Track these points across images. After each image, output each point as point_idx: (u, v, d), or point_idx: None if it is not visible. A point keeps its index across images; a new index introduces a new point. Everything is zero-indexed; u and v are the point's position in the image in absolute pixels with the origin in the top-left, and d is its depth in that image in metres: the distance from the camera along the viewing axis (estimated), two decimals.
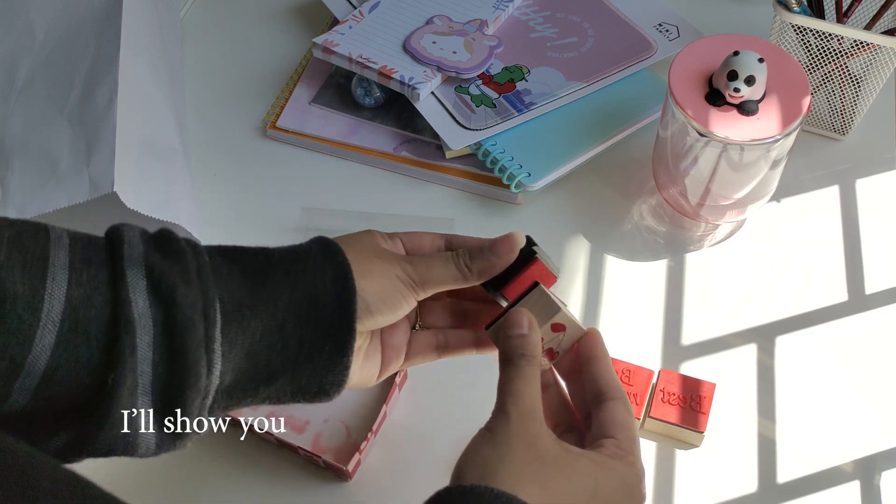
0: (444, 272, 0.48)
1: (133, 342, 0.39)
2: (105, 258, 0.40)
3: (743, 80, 0.60)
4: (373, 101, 0.76)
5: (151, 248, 0.41)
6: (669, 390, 0.60)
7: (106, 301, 0.39)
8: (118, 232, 0.42)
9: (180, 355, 0.40)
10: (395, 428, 0.61)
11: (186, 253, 0.42)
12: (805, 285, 0.67)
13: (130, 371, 0.39)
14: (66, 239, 0.40)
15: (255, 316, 0.42)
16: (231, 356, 0.41)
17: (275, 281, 0.43)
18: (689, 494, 0.58)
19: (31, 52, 0.69)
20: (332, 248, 0.46)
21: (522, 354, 0.46)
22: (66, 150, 0.63)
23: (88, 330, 0.39)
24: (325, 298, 0.44)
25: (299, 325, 0.43)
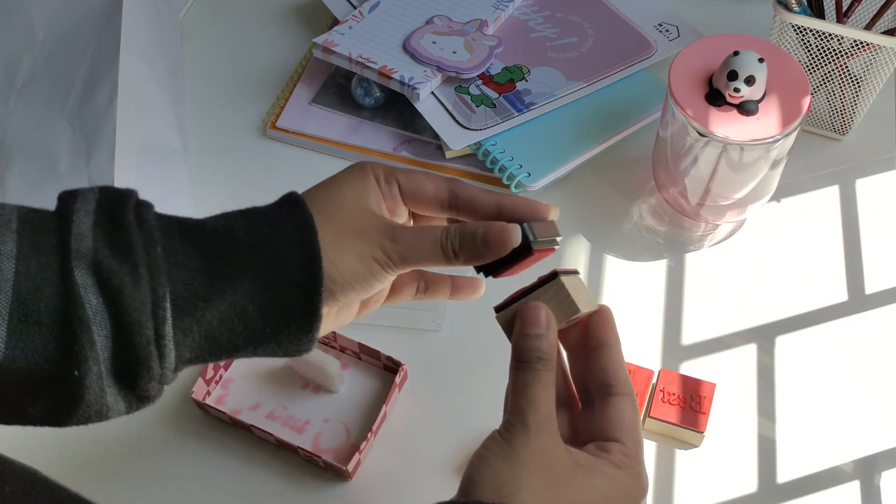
0: (428, 253, 0.45)
1: (91, 338, 0.39)
2: (55, 243, 0.39)
3: (743, 80, 0.60)
4: (373, 101, 0.76)
5: (101, 240, 0.40)
6: (669, 390, 0.60)
7: (56, 293, 0.38)
8: (69, 212, 0.40)
9: (131, 351, 0.39)
10: (395, 428, 0.61)
11: (136, 246, 0.40)
12: (805, 285, 0.67)
13: (94, 363, 0.39)
14: (15, 223, 0.39)
15: (210, 306, 0.41)
16: (187, 342, 0.41)
17: (237, 267, 0.41)
18: (689, 494, 0.58)
19: (31, 52, 0.69)
20: (305, 227, 0.43)
21: (539, 358, 0.43)
22: (65, 149, 0.63)
23: (40, 321, 0.38)
24: (291, 288, 0.42)
25: (262, 310, 0.42)
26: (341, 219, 0.44)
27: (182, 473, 0.60)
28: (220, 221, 0.43)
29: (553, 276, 0.45)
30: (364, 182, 0.46)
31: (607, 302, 0.67)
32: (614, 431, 0.44)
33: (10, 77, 0.68)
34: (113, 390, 0.40)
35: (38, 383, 0.39)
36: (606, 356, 0.46)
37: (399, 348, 0.63)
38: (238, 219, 0.43)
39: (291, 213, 0.43)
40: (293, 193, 0.45)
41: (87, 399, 0.40)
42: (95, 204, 0.41)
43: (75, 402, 0.40)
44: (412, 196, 0.47)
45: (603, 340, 0.47)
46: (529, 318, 0.44)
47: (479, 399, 0.62)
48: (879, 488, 0.58)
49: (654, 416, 0.59)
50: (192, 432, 0.61)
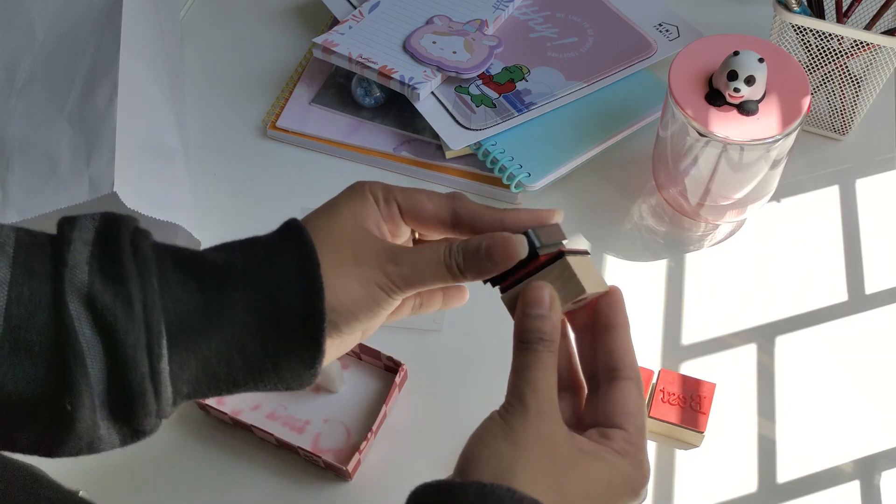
0: (432, 274, 0.44)
1: (85, 371, 0.38)
2: (49, 271, 0.39)
3: (743, 80, 0.60)
4: (373, 101, 0.76)
5: (95, 271, 0.39)
6: (669, 390, 0.60)
7: (49, 321, 0.38)
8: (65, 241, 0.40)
9: (126, 387, 0.39)
10: (395, 428, 0.61)
11: (131, 279, 0.39)
12: (805, 285, 0.67)
13: (87, 395, 0.38)
14: (10, 248, 0.39)
15: (207, 340, 0.40)
16: (184, 376, 0.40)
17: (235, 301, 0.40)
18: (689, 494, 0.58)
19: (31, 52, 0.69)
20: (307, 257, 0.42)
21: (541, 339, 0.42)
22: (66, 150, 0.63)
23: (32, 350, 0.38)
24: (292, 323, 0.41)
25: (262, 344, 0.41)
26: (342, 246, 0.43)
27: (183, 474, 0.60)
28: (219, 254, 0.42)
29: (559, 255, 0.43)
30: (363, 204, 0.45)
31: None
32: (618, 417, 0.43)
33: (10, 77, 0.68)
34: (107, 423, 0.39)
35: (28, 411, 0.38)
36: (613, 339, 0.45)
37: (399, 348, 0.63)
38: (237, 251, 0.42)
39: (291, 244, 0.42)
40: (293, 221, 0.44)
41: (78, 431, 0.39)
42: (94, 233, 0.40)
43: (66, 433, 0.39)
44: (412, 216, 0.46)
45: (610, 322, 0.45)
46: (532, 298, 0.43)
47: (479, 399, 0.62)
48: (879, 488, 0.58)
49: (654, 416, 0.59)
50: (193, 433, 0.61)
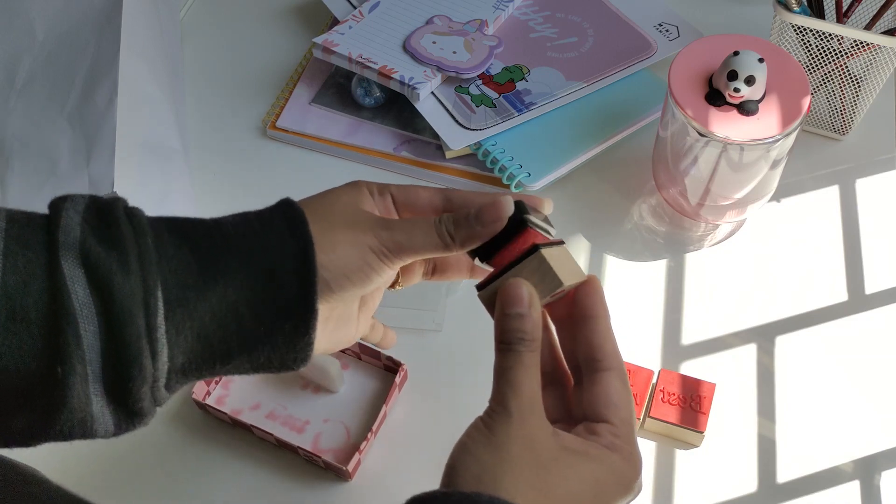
0: (423, 241, 0.44)
1: (77, 332, 0.37)
2: (43, 239, 0.38)
3: (743, 80, 0.60)
4: (373, 101, 0.76)
5: (89, 232, 0.39)
6: (669, 390, 0.60)
7: (44, 288, 0.37)
8: (57, 211, 0.39)
9: (122, 347, 0.38)
10: (394, 428, 0.61)
11: (126, 237, 0.39)
12: (805, 285, 0.67)
13: (79, 361, 0.37)
14: (3, 222, 0.39)
15: (202, 299, 0.39)
16: (179, 340, 0.40)
17: (227, 260, 0.40)
18: (689, 494, 0.58)
19: (31, 52, 0.69)
20: (296, 219, 0.42)
21: (521, 339, 0.41)
22: (66, 149, 0.63)
23: (28, 318, 0.37)
24: (283, 278, 0.41)
25: (255, 306, 0.40)
26: (335, 216, 0.44)
27: (182, 473, 0.60)
28: (209, 220, 0.42)
29: (534, 248, 0.42)
30: (358, 192, 0.46)
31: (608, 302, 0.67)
32: (602, 410, 0.42)
33: (10, 77, 0.68)
34: (100, 400, 0.39)
35: (23, 388, 0.38)
36: (592, 329, 0.44)
37: (399, 348, 0.63)
38: (229, 220, 0.42)
39: (281, 211, 0.43)
40: (286, 198, 0.44)
41: (69, 403, 0.38)
42: (84, 205, 0.40)
43: (57, 406, 0.38)
44: (407, 206, 0.47)
45: (589, 312, 0.44)
46: (510, 297, 0.42)
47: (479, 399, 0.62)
48: (879, 488, 0.58)
49: (654, 416, 0.59)
50: (193, 432, 0.61)
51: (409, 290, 0.67)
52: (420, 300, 0.66)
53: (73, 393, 0.38)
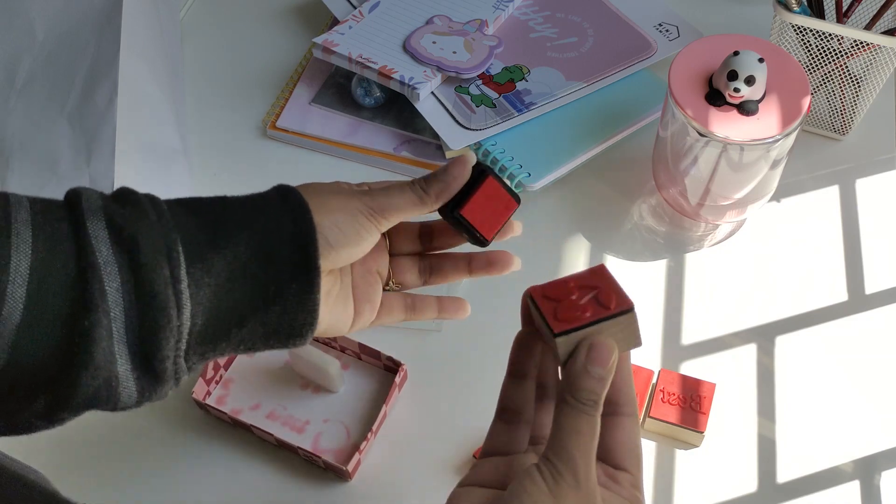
0: (401, 198, 0.48)
1: (102, 286, 0.39)
2: (65, 213, 0.41)
3: (743, 80, 0.60)
4: (373, 101, 0.76)
5: (110, 201, 0.42)
6: (669, 390, 0.60)
7: (70, 254, 0.40)
8: (76, 191, 0.42)
9: (150, 297, 0.40)
10: (394, 428, 0.61)
11: (144, 202, 0.43)
12: (805, 285, 0.67)
13: (104, 314, 0.39)
14: (27, 202, 0.41)
15: (218, 256, 0.42)
16: (199, 297, 0.42)
17: (234, 224, 0.44)
18: (689, 494, 0.58)
19: (31, 52, 0.69)
20: (290, 190, 0.46)
21: (595, 402, 0.40)
22: (66, 150, 0.63)
23: (57, 281, 0.39)
24: (285, 237, 0.44)
25: (262, 265, 0.43)
26: (322, 187, 0.48)
27: (183, 473, 0.60)
28: (207, 197, 0.46)
29: (629, 308, 0.41)
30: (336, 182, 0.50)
31: None
32: (622, 457, 0.43)
33: (10, 77, 0.68)
34: (125, 362, 0.40)
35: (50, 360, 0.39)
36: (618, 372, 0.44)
37: (399, 348, 0.63)
38: (227, 198, 0.46)
39: (274, 189, 0.47)
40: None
41: (95, 359, 0.39)
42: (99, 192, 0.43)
43: (84, 363, 0.39)
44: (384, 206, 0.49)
45: None
46: (601, 356, 0.40)
47: (479, 399, 0.62)
48: (879, 488, 0.58)
49: (654, 416, 0.59)
50: (193, 432, 0.61)
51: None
52: None
53: (98, 347, 0.39)
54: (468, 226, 0.49)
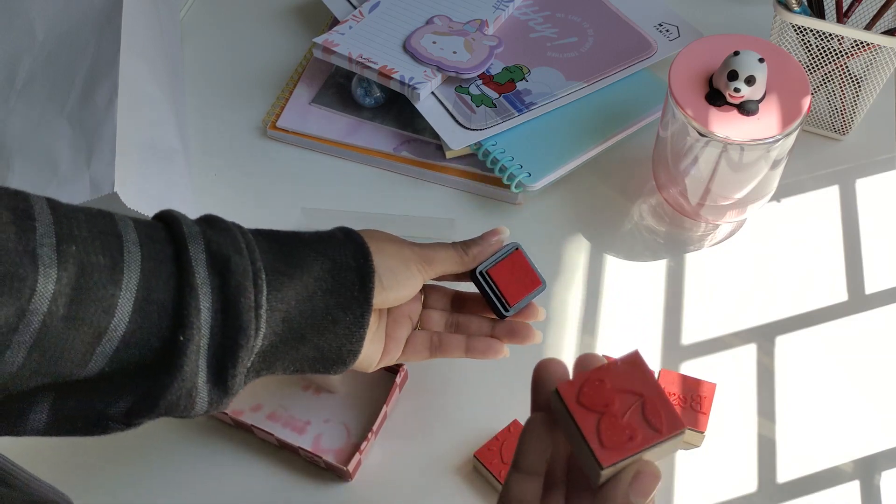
0: (445, 254, 0.55)
1: (198, 305, 0.43)
2: (166, 236, 0.45)
3: (743, 80, 0.60)
4: (373, 101, 0.76)
5: (206, 226, 0.46)
6: (670, 390, 0.60)
7: (171, 273, 0.44)
8: (173, 215, 0.46)
9: (235, 317, 0.44)
10: (395, 428, 0.61)
11: (234, 230, 0.47)
12: (805, 285, 0.67)
13: (196, 331, 0.43)
14: (131, 221, 0.45)
15: (291, 286, 0.47)
16: (272, 321, 0.46)
17: (306, 256, 0.49)
18: (689, 494, 0.58)
19: (31, 52, 0.69)
20: (353, 232, 0.52)
21: None
22: (66, 150, 0.63)
23: (159, 298, 0.43)
24: (348, 273, 0.49)
25: (325, 296, 0.48)
26: (379, 234, 0.53)
27: (184, 475, 0.60)
28: (283, 230, 0.51)
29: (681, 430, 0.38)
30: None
31: (607, 302, 0.67)
32: None
33: (10, 77, 0.68)
34: (204, 374, 0.44)
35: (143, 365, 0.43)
36: None
37: None
38: (300, 233, 0.51)
39: (338, 229, 0.52)
40: None
41: (184, 371, 0.43)
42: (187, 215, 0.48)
43: (173, 374, 0.43)
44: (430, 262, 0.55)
45: None
46: (645, 488, 0.38)
47: (479, 399, 0.62)
48: (879, 488, 0.58)
49: None
50: (194, 433, 0.61)
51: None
52: None
53: (188, 361, 0.43)
54: (493, 287, 0.55)
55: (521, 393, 0.62)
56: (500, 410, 0.61)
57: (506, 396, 0.62)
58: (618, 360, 0.38)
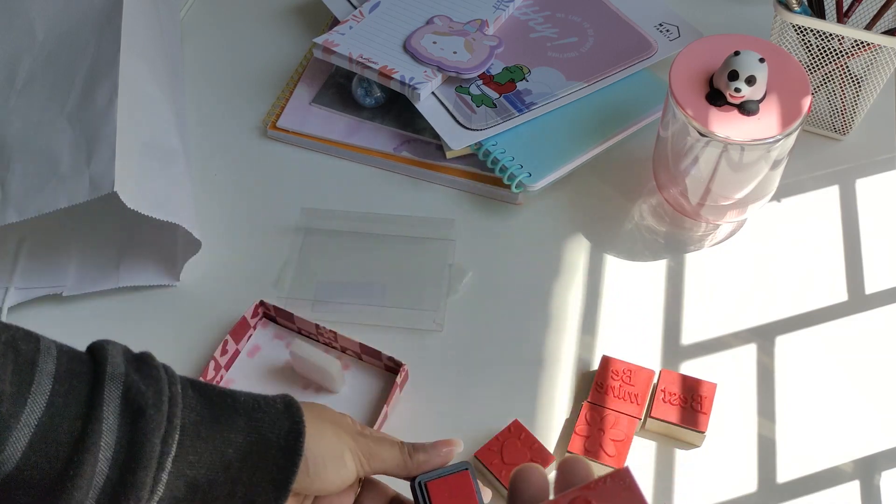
0: (389, 453, 0.50)
1: (96, 456, 0.41)
2: (87, 372, 0.43)
3: (744, 80, 0.60)
4: (373, 101, 0.76)
5: (132, 368, 0.44)
6: (670, 390, 0.60)
7: (79, 415, 0.41)
8: (103, 350, 0.44)
9: (131, 473, 0.42)
10: (396, 428, 0.61)
11: (162, 379, 0.44)
12: (805, 285, 0.67)
13: (87, 481, 0.41)
14: (55, 350, 0.43)
15: (206, 451, 0.44)
16: (173, 485, 0.43)
17: (233, 423, 0.45)
18: (689, 494, 0.58)
19: (31, 52, 0.69)
20: (293, 406, 0.47)
21: None
22: (66, 150, 0.63)
23: (59, 439, 0.40)
24: (272, 451, 0.45)
25: (241, 471, 0.45)
26: (322, 413, 0.49)
27: None
28: (220, 388, 0.47)
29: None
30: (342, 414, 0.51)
31: (607, 302, 0.67)
32: None
33: (10, 77, 0.68)
34: None
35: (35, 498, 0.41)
36: None
37: (400, 348, 0.63)
38: (240, 393, 0.47)
39: (281, 398, 0.48)
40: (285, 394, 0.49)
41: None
42: (122, 349, 0.45)
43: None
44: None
45: None
46: None
47: (479, 399, 0.62)
48: (879, 488, 0.58)
49: (655, 417, 0.59)
50: None
51: (410, 290, 0.67)
52: (421, 300, 0.66)
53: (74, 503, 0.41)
54: (428, 500, 0.50)
55: (522, 393, 0.62)
56: (500, 411, 0.61)
57: (506, 397, 0.62)
58: (607, 478, 0.35)
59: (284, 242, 0.70)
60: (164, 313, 0.67)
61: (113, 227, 0.71)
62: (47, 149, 0.63)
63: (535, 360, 0.64)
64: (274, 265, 0.69)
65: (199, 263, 0.68)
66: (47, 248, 0.70)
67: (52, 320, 0.67)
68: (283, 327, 0.66)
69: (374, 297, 0.67)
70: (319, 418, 0.48)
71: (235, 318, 0.65)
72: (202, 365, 0.64)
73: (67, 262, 0.69)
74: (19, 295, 0.67)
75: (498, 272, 0.68)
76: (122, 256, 0.69)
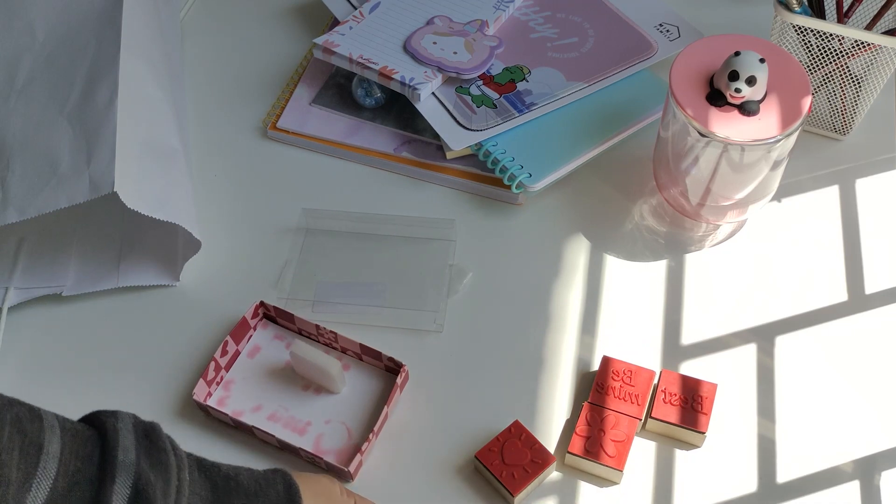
0: None
1: None
2: (93, 453, 0.43)
3: (744, 81, 0.60)
4: (373, 101, 0.76)
5: (143, 453, 0.44)
6: (671, 391, 0.60)
7: (84, 498, 0.42)
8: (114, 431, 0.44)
9: None
10: (396, 429, 0.61)
11: (171, 466, 0.45)
12: (805, 285, 0.67)
13: None
14: (58, 428, 0.43)
15: None
16: None
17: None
18: (689, 495, 0.58)
19: (32, 52, 0.69)
20: (293, 489, 0.50)
21: None
22: (66, 150, 0.63)
23: None
24: None
25: None
26: (319, 493, 0.52)
27: None
28: (230, 469, 0.49)
29: None
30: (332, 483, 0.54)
31: (608, 302, 0.67)
32: None
33: (10, 77, 0.68)
34: None
35: None
36: None
37: (400, 349, 0.63)
38: (242, 471, 0.49)
39: (281, 478, 0.50)
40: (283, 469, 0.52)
41: None
42: (132, 424, 0.46)
43: None
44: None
45: None
46: None
47: (479, 399, 0.62)
48: (879, 488, 0.58)
49: (656, 417, 0.59)
50: (194, 434, 0.61)
51: (410, 291, 0.67)
52: (421, 301, 0.66)
53: None
54: None
55: (522, 394, 0.63)
56: (500, 411, 0.61)
57: (506, 397, 0.62)
58: None
59: (285, 243, 0.70)
60: (164, 313, 0.67)
61: (113, 227, 0.71)
62: (47, 149, 0.63)
63: (536, 360, 0.64)
64: (274, 265, 0.69)
65: (199, 263, 0.68)
66: (47, 248, 0.70)
67: (52, 320, 0.67)
68: (283, 328, 0.66)
69: (374, 297, 0.67)
70: (314, 493, 0.51)
71: (235, 318, 0.65)
72: (202, 365, 0.64)
73: (67, 262, 0.69)
74: (19, 295, 0.67)
75: (498, 272, 0.69)
76: (122, 256, 0.69)
